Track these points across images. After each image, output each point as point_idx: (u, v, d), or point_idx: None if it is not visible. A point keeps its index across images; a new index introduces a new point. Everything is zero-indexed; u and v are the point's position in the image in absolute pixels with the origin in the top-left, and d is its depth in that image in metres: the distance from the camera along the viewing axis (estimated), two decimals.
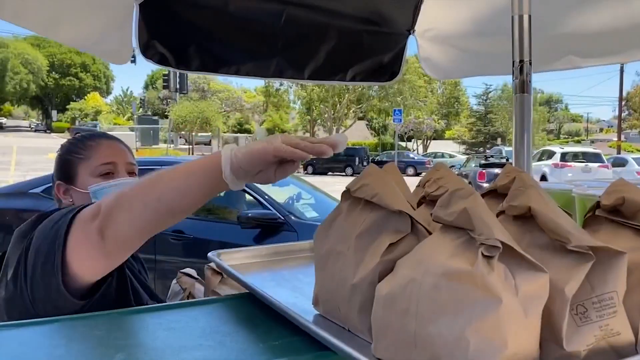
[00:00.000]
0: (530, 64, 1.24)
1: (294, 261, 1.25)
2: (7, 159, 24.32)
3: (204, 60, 1.71)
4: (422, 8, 1.99)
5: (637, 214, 0.77)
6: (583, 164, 17.64)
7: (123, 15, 1.50)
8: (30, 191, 5.20)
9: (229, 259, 1.18)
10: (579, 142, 54.18)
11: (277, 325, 0.85)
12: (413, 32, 2.08)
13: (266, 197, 4.87)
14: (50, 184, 4.81)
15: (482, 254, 0.62)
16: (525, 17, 1.26)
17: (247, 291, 1.00)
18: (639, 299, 0.70)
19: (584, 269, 0.65)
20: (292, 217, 4.64)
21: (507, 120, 46.36)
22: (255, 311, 0.93)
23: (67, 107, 57.61)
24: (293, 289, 1.02)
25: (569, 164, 17.69)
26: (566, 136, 67.84)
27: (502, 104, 47.04)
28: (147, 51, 1.63)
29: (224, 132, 34.48)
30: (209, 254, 1.17)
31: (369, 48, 2.04)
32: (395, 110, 25.02)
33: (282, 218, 4.57)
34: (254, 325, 0.88)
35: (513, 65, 1.25)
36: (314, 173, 27.56)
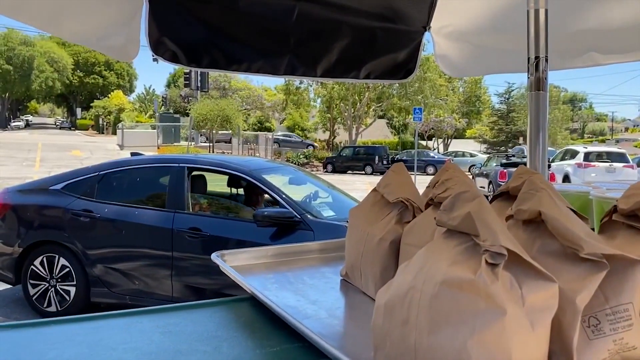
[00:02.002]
0: (547, 60, 1.19)
1: (301, 262, 1.22)
2: (32, 156, 24.75)
3: (214, 57, 1.69)
4: (438, 4, 1.94)
5: None
6: (607, 164, 17.27)
7: (130, 11, 1.48)
8: (51, 188, 5.27)
9: (233, 260, 1.16)
10: (603, 141, 53.15)
11: (277, 331, 0.82)
12: (429, 28, 2.03)
13: (283, 195, 4.85)
14: (71, 181, 4.83)
15: (486, 261, 0.58)
16: (542, 12, 1.20)
17: (249, 294, 0.98)
18: None
19: (597, 279, 0.61)
20: (309, 216, 4.61)
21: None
22: (256, 315, 0.91)
23: (91, 104, 58.43)
24: (296, 292, 0.99)
25: (592, 163, 17.33)
26: (590, 135, 66.60)
27: (524, 103, 46.31)
28: (158, 48, 1.61)
29: (245, 130, 34.61)
30: (213, 256, 1.15)
31: (383, 45, 1.99)
32: (415, 109, 24.76)
33: (299, 217, 4.54)
34: (253, 330, 0.85)
35: (528, 62, 1.20)
36: (334, 171, 27.47)
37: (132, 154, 5.90)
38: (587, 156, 17.69)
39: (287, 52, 1.81)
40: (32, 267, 5.14)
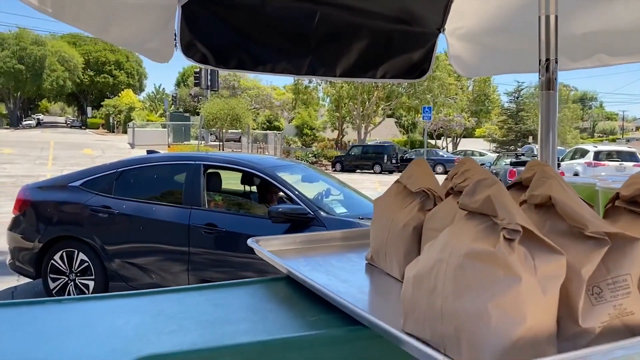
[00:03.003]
0: (557, 62, 1.28)
1: (326, 249, 1.33)
2: (45, 154, 25.05)
3: (241, 59, 1.79)
4: (452, 7, 2.03)
5: None
6: (617, 163, 17.24)
7: (166, 17, 1.59)
8: (70, 184, 5.40)
9: (267, 245, 1.26)
10: (613, 140, 52.76)
11: (314, 304, 0.92)
12: (443, 30, 2.12)
13: (296, 192, 4.95)
14: (89, 178, 4.96)
15: (504, 237, 0.68)
16: (552, 17, 1.29)
17: (285, 274, 1.08)
18: None
19: (600, 253, 0.70)
20: (322, 213, 4.71)
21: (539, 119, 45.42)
22: (292, 291, 1.01)
23: (102, 103, 58.92)
24: (326, 273, 1.09)
25: (602, 162, 17.32)
26: (600, 134, 66.18)
27: (534, 102, 46.13)
28: (189, 51, 1.73)
29: (254, 129, 34.80)
30: (249, 241, 1.25)
31: (399, 46, 2.09)
32: (424, 108, 24.81)
33: (312, 213, 4.64)
34: (292, 303, 0.95)
35: (540, 64, 1.30)
36: (342, 170, 27.57)
37: (148, 152, 6.02)
38: (597, 155, 17.66)
39: (308, 54, 1.91)
40: (52, 261, 5.28)
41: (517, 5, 1.87)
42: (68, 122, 72.74)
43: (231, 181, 6.06)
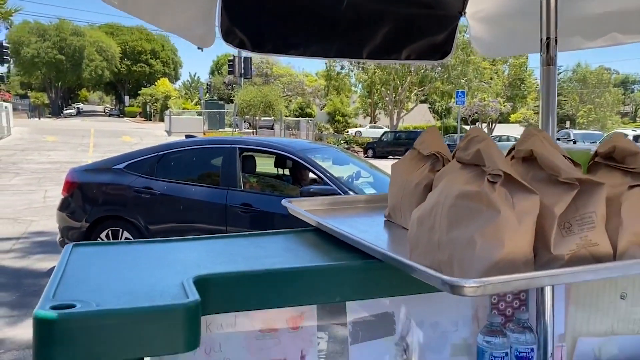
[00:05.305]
0: (556, 41, 1.41)
1: (350, 210, 1.50)
2: (85, 142, 25.93)
3: (276, 43, 1.97)
4: None
5: (625, 159, 0.96)
6: None
7: (209, 5, 1.78)
8: (114, 167, 5.72)
9: (299, 205, 1.44)
10: None
11: (339, 247, 1.10)
12: (464, 13, 2.25)
13: (327, 174, 5.14)
14: (132, 161, 5.26)
15: (488, 180, 0.84)
16: None
17: (314, 227, 1.26)
18: (618, 224, 0.90)
19: (570, 195, 0.86)
20: (352, 194, 4.88)
21: (578, 103, 44.33)
22: (320, 239, 1.19)
23: (139, 92, 60.27)
24: (349, 226, 1.26)
25: None
26: None
27: (572, 86, 44.96)
28: (228, 37, 1.91)
29: (286, 116, 35.10)
30: (283, 201, 1.43)
31: (422, 29, 2.23)
32: (458, 92, 24.54)
33: (342, 194, 4.82)
34: (320, 246, 1.14)
35: (541, 42, 1.43)
36: (374, 157, 27.62)
37: (187, 136, 6.30)
38: (636, 139, 17.24)
39: (337, 37, 2.08)
40: (98, 239, 5.63)
41: None
42: (106, 111, 74.69)
43: (265, 164, 6.30)
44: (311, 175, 5.62)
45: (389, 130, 32.28)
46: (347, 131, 37.22)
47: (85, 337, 0.66)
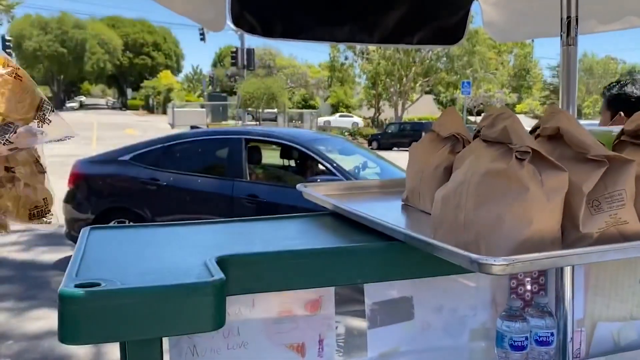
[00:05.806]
0: (577, 20, 1.38)
1: (366, 194, 1.49)
2: (88, 134, 25.92)
3: (286, 27, 1.95)
4: None
5: None
6: None
7: None
8: (120, 158, 5.72)
9: (314, 190, 1.43)
10: None
11: (357, 229, 1.09)
12: None
13: (334, 164, 5.13)
14: (137, 152, 5.25)
15: (516, 157, 0.82)
16: None
17: (330, 211, 1.25)
18: None
19: (599, 173, 0.84)
20: None
21: (584, 93, 44.04)
22: (338, 223, 1.18)
23: (141, 85, 60.20)
24: (367, 209, 1.24)
25: None
26: None
27: (578, 75, 44.61)
28: (239, 21, 1.89)
29: (290, 108, 35.02)
30: (298, 186, 1.42)
31: (435, 13, 2.20)
32: (463, 83, 24.42)
33: None
34: (338, 229, 1.12)
35: (561, 21, 1.40)
36: (379, 148, 27.53)
37: (192, 127, 6.29)
38: None
39: (348, 21, 2.05)
40: None
41: None
42: (108, 104, 74.67)
43: (271, 154, 6.29)
44: (318, 165, 5.60)
45: (393, 122, 32.17)
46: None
47: (111, 315, 0.64)
